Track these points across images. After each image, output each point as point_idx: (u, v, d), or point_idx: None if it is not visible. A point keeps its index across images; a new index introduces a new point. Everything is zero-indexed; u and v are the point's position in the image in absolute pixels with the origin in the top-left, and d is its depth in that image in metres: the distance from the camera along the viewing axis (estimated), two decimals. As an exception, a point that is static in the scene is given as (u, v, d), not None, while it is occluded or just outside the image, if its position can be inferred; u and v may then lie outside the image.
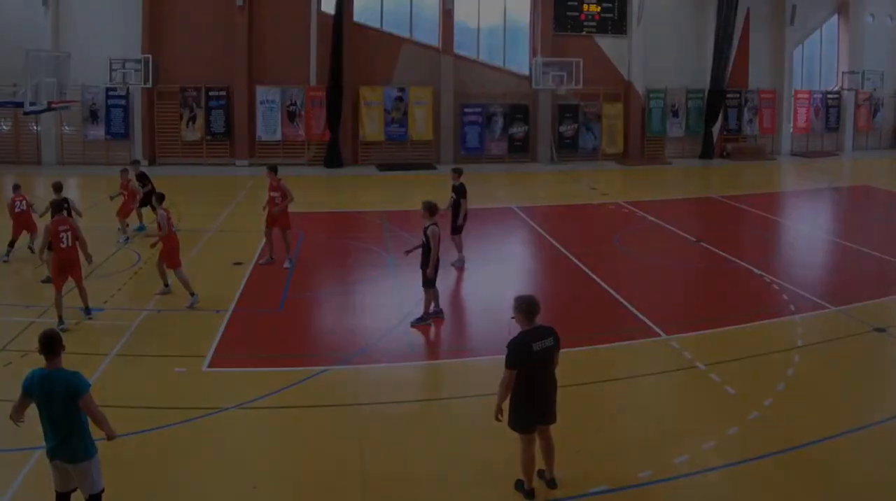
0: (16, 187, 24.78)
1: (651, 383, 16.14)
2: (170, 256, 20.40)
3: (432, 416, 14.75)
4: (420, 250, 19.39)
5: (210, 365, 16.65)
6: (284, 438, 13.90)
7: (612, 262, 25.58)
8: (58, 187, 22.97)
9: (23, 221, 24.45)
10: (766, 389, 15.34)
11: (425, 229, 19.08)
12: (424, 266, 19.12)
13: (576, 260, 25.24)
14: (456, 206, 24.77)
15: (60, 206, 21.84)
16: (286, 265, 24.32)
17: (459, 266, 24.45)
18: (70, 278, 18.89)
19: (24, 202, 24.20)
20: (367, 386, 15.99)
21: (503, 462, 12.33)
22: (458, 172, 25.93)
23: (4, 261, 23.95)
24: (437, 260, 19.16)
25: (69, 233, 18.88)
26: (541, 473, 11.85)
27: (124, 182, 28.14)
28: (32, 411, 9.86)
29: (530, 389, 11.21)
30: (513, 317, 11.51)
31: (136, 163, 30.23)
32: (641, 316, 19.72)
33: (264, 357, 17.49)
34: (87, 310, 19.12)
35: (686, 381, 16.12)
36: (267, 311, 20.40)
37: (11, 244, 24.35)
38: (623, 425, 13.92)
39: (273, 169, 25.08)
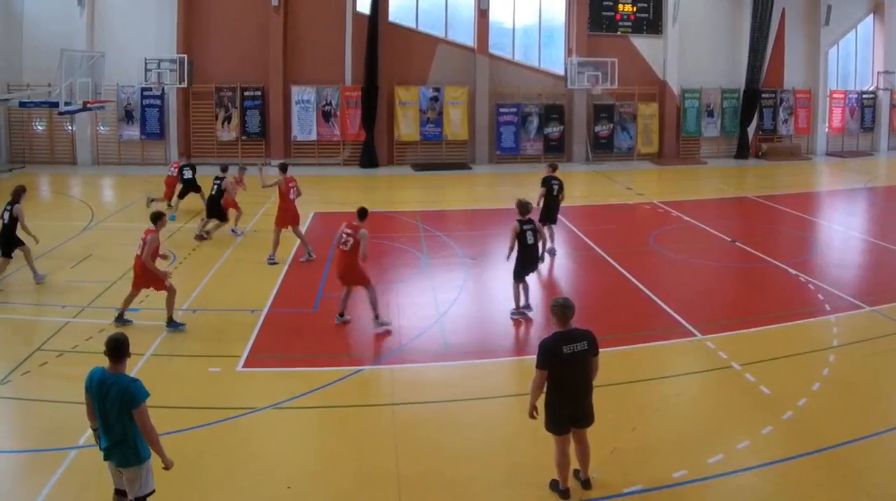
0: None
1: (686, 383, 16.16)
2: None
3: (467, 416, 14.64)
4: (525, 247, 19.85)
5: (245, 365, 16.75)
6: (319, 438, 14.03)
7: (648, 262, 25.38)
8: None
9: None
10: (802, 389, 15.33)
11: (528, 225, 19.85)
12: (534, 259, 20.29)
13: (611, 260, 25.27)
14: (550, 197, 25.75)
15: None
16: (303, 259, 25.16)
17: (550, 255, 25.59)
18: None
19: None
20: (401, 386, 16.02)
21: (537, 463, 12.43)
22: (553, 167, 27.11)
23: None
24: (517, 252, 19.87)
25: (351, 240, 18.92)
26: (576, 473, 11.90)
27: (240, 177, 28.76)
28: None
29: (561, 391, 11.28)
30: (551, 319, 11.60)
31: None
32: (677, 316, 19.75)
33: (299, 357, 17.51)
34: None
35: (721, 381, 16.07)
36: (301, 311, 20.39)
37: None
38: (658, 425, 13.88)
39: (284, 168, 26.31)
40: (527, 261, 20.01)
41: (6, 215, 22.35)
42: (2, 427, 14.11)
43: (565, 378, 11.21)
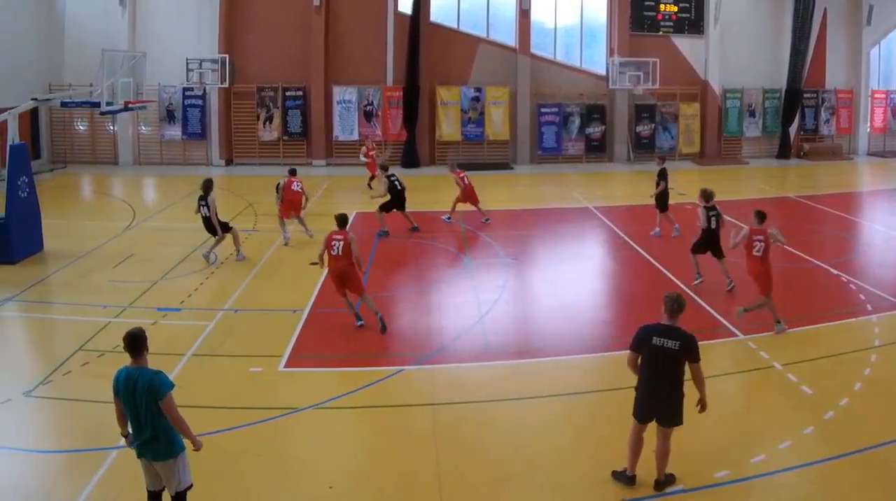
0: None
1: (728, 383, 15.98)
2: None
3: (508, 417, 14.57)
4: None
5: (286, 365, 16.78)
6: (360, 438, 13.97)
7: (690, 262, 25.20)
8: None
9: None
10: (843, 389, 15.21)
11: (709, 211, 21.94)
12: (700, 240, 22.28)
13: (652, 260, 25.23)
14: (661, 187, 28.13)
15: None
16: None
17: (656, 235, 28.16)
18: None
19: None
20: (442, 387, 15.93)
21: (580, 463, 12.58)
22: (662, 159, 29.61)
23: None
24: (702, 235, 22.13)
25: (341, 243, 18.90)
26: (616, 473, 11.88)
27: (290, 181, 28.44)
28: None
29: (646, 381, 11.44)
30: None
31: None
32: (719, 317, 19.71)
33: (340, 357, 17.61)
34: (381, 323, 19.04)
35: (763, 381, 16.12)
36: (343, 311, 19.71)
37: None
38: (700, 425, 13.10)
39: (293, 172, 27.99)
40: (707, 242, 22.06)
41: (204, 208, 24.00)
42: (44, 428, 14.13)
43: (650, 368, 11.36)
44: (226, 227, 24.46)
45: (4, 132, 27.23)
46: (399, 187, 28.23)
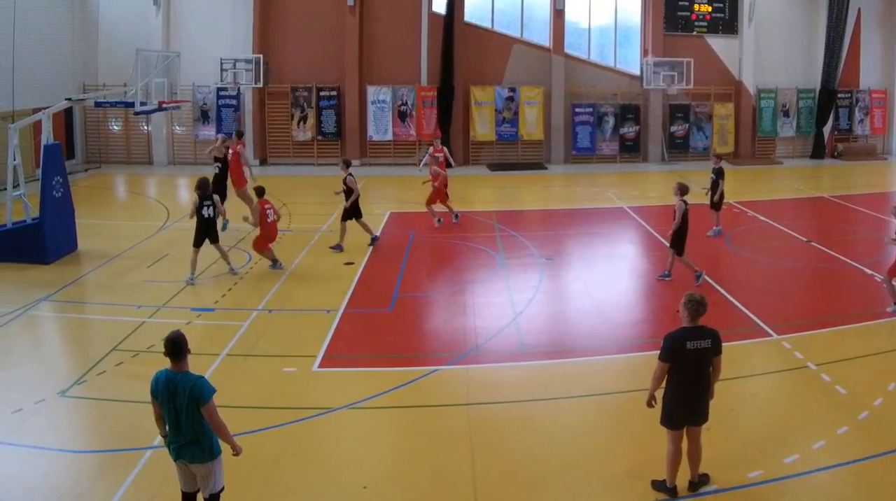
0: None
1: (762, 383, 16.00)
2: None
3: (543, 417, 14.53)
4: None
5: (320, 365, 16.82)
6: (395, 438, 13.94)
7: (724, 262, 25.10)
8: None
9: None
10: (877, 389, 15.13)
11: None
12: (675, 235, 22.32)
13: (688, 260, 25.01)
14: (714, 186, 28.08)
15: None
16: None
17: (714, 236, 28.02)
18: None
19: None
20: (477, 386, 15.93)
21: (615, 463, 12.57)
22: (718, 158, 29.35)
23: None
24: (680, 230, 22.24)
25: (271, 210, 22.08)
26: (656, 484, 11.79)
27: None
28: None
29: (680, 386, 11.25)
30: (678, 311, 11.48)
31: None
32: (753, 316, 19.55)
33: (374, 357, 17.65)
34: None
35: (797, 381, 15.91)
36: (377, 311, 20.36)
37: None
38: (733, 425, 13.68)
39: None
40: (684, 237, 22.47)
41: (208, 209, 23.01)
42: (78, 427, 14.16)
43: (685, 373, 11.19)
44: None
45: (39, 132, 27.38)
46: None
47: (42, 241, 24.33)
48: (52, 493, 11.69)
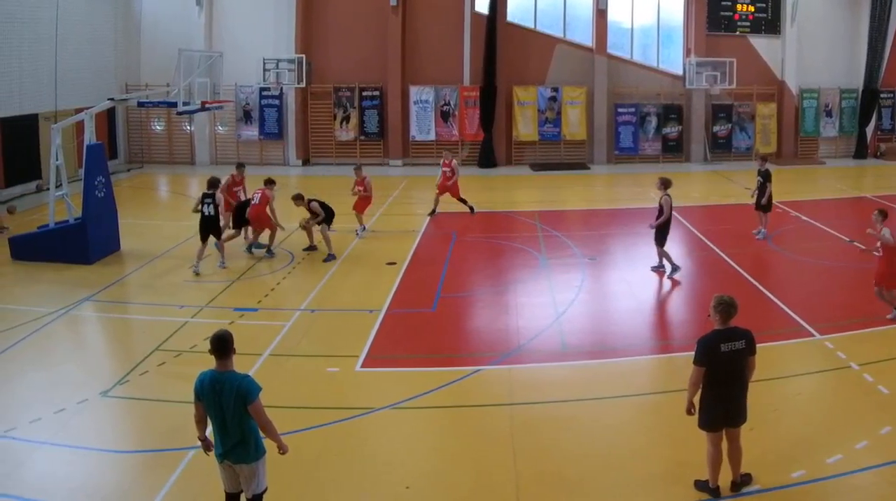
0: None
1: (804, 383, 15.91)
2: None
3: (585, 417, 14.49)
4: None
5: (363, 365, 16.78)
6: (437, 438, 13.89)
7: (767, 262, 24.99)
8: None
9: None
10: (921, 389, 14.99)
11: (660, 199, 22.94)
12: (660, 228, 23.05)
13: (730, 260, 24.88)
14: (762, 188, 27.64)
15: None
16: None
17: (761, 238, 27.52)
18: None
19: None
20: (519, 387, 15.84)
21: (657, 463, 12.52)
22: (764, 159, 29.06)
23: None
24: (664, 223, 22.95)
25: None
26: (699, 483, 11.70)
27: (359, 180, 28.08)
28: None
29: (716, 389, 11.16)
30: (709, 315, 11.39)
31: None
32: (795, 316, 19.40)
33: (417, 357, 17.58)
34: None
35: (839, 381, 15.77)
36: (420, 311, 20.39)
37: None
38: (776, 425, 13.58)
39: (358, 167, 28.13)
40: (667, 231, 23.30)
41: (208, 207, 23.54)
42: (121, 428, 14.18)
43: (721, 376, 11.11)
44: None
45: (81, 132, 27.47)
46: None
47: (85, 241, 24.41)
48: (95, 493, 11.68)
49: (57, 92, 35.84)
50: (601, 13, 47.64)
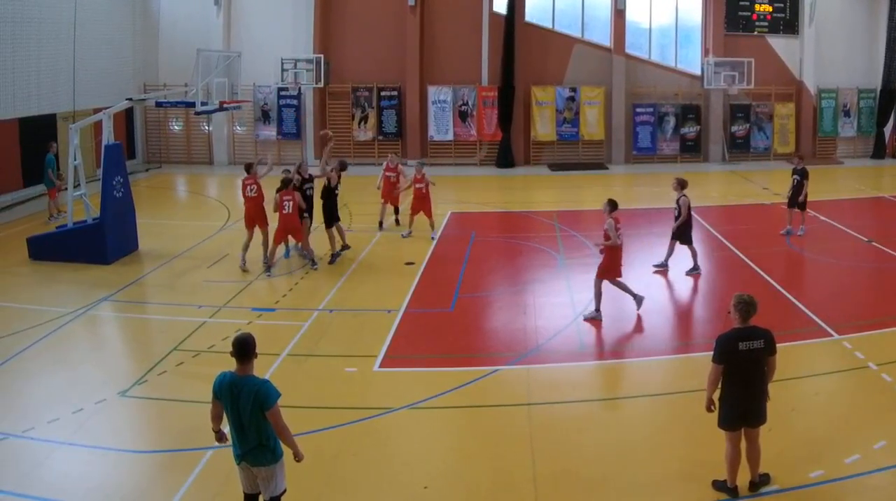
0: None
1: (823, 383, 15.85)
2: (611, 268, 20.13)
3: (603, 416, 14.71)
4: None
5: (381, 365, 16.83)
6: (455, 438, 13.96)
7: (785, 262, 24.98)
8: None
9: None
10: (939, 389, 15.00)
11: (677, 200, 23.25)
12: (680, 229, 23.46)
13: (748, 260, 24.84)
14: (798, 187, 27.53)
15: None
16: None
17: (794, 234, 27.82)
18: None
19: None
20: (537, 386, 15.85)
21: (676, 463, 12.51)
22: (801, 157, 29.11)
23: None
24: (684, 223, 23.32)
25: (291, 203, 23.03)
26: (717, 484, 11.70)
27: (419, 177, 28.11)
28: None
29: (735, 388, 11.19)
30: (729, 312, 11.43)
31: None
32: (813, 316, 19.38)
33: (435, 357, 17.59)
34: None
35: (858, 381, 15.75)
36: (438, 311, 20.46)
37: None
38: (794, 425, 13.60)
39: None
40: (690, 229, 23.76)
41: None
42: (139, 427, 14.26)
43: (740, 374, 11.14)
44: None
45: (99, 132, 27.53)
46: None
47: (103, 241, 24.49)
48: (113, 493, 11.72)
49: (75, 92, 35.87)
50: (619, 13, 47.59)
